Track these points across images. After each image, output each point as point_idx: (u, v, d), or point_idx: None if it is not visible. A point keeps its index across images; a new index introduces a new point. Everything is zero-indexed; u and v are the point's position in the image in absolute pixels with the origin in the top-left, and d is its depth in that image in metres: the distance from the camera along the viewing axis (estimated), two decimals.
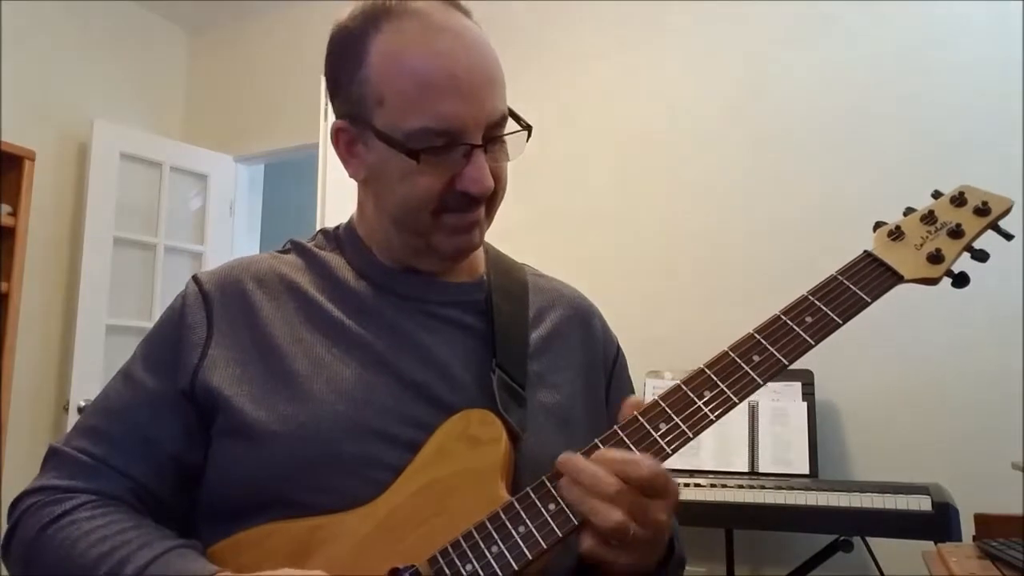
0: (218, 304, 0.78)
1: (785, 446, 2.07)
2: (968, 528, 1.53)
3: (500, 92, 0.75)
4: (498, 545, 0.63)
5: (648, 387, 2.29)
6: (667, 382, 2.30)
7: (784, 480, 1.93)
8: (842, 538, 1.95)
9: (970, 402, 2.11)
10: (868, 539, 2.02)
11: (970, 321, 2.11)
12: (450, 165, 0.73)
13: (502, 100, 0.76)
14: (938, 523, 1.70)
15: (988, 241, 0.77)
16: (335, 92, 0.80)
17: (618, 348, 0.93)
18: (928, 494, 1.75)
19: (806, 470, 2.02)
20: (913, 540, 1.75)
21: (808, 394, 2.15)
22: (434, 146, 0.72)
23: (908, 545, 1.77)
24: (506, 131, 0.76)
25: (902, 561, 2.00)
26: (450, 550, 0.64)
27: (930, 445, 2.13)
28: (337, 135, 0.79)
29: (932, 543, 1.54)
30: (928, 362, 2.18)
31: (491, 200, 0.78)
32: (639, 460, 0.63)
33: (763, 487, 1.88)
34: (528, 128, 0.77)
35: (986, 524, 1.39)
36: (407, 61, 0.72)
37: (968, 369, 2.13)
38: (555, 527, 0.63)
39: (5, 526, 0.73)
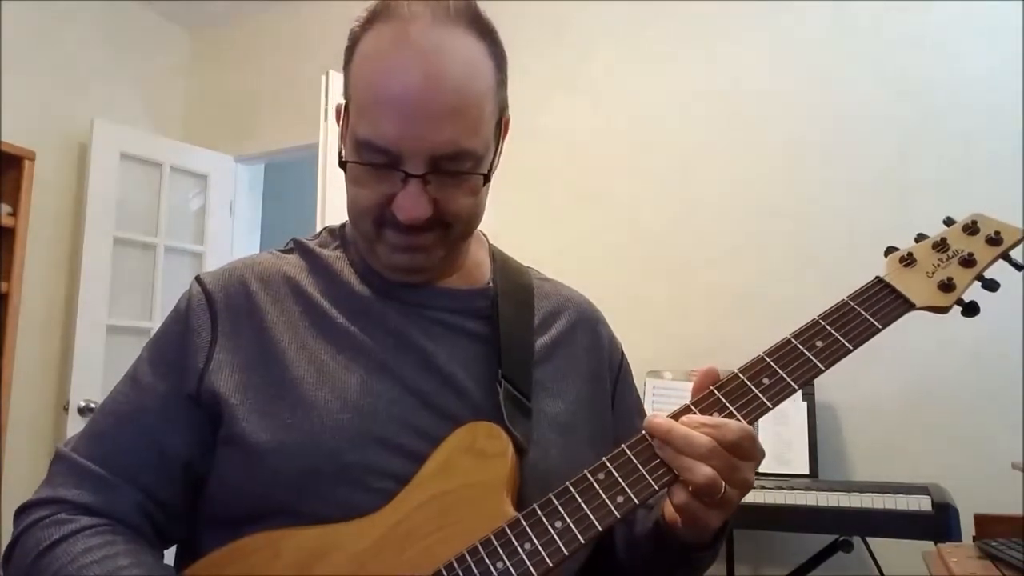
0: (222, 306, 0.77)
1: (785, 446, 2.07)
2: (968, 528, 1.53)
3: (460, 126, 0.70)
4: (503, 562, 0.63)
5: (648, 387, 2.29)
6: (667, 382, 2.30)
7: (784, 480, 1.93)
8: (842, 538, 1.95)
9: (970, 402, 2.11)
10: (868, 539, 2.02)
11: (970, 321, 2.11)
12: (389, 184, 0.72)
13: (462, 134, 0.70)
14: (938, 523, 1.70)
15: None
16: (344, 77, 0.80)
17: (622, 354, 0.93)
18: (928, 494, 1.75)
19: (806, 470, 2.03)
20: (913, 540, 1.75)
21: (808, 394, 2.15)
22: (373, 162, 0.71)
23: (908, 545, 1.77)
24: (461, 170, 0.72)
25: (902, 561, 2.00)
26: (455, 564, 0.64)
27: (930, 445, 2.13)
28: (337, 113, 0.79)
29: (932, 543, 1.54)
30: (928, 362, 2.18)
31: (444, 227, 0.75)
32: (728, 423, 0.65)
33: (763, 487, 1.88)
34: (485, 176, 0.74)
35: (986, 524, 1.40)
36: (368, 70, 0.72)
37: (968, 369, 2.13)
38: (561, 545, 0.63)
39: (5, 529, 0.72)
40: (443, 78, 0.69)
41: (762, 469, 2.04)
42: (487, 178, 0.75)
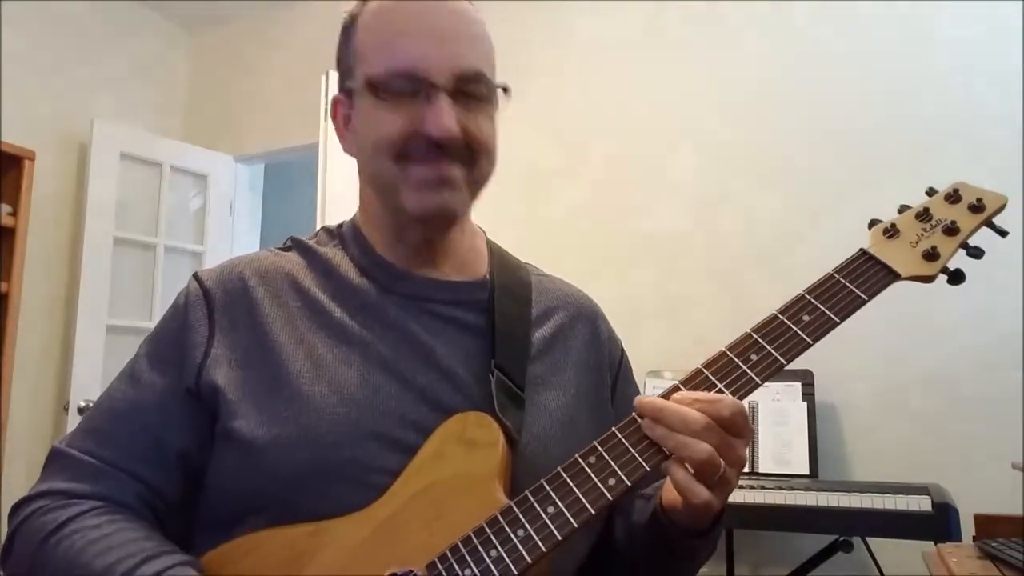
0: (219, 302, 0.77)
1: (785, 446, 2.07)
2: (968, 528, 1.53)
3: (475, 48, 0.76)
4: (497, 549, 0.63)
5: (648, 387, 2.29)
6: (667, 382, 2.29)
7: (784, 480, 1.93)
8: (842, 538, 1.95)
9: (970, 402, 2.11)
10: (868, 539, 2.02)
11: (970, 321, 2.11)
12: (415, 109, 0.73)
13: (477, 57, 0.76)
14: (938, 523, 1.70)
15: (987, 240, 0.76)
16: (339, 73, 0.82)
17: (623, 350, 0.93)
18: (928, 494, 1.75)
19: (806, 470, 2.02)
20: (913, 540, 1.75)
21: (808, 394, 2.15)
22: (398, 87, 0.73)
23: (908, 545, 1.77)
24: (481, 93, 0.76)
25: (902, 561, 2.00)
26: (448, 555, 0.64)
27: (930, 445, 2.13)
28: (335, 109, 0.81)
29: (932, 543, 1.54)
30: (928, 362, 2.18)
31: (470, 159, 0.76)
32: (721, 398, 0.64)
33: (763, 487, 1.88)
34: (505, 88, 0.77)
35: (986, 524, 1.39)
36: (382, 13, 0.77)
37: (968, 369, 2.13)
38: (554, 530, 0.63)
39: (4, 530, 0.72)
40: (460, 8, 0.77)
41: (762, 469, 2.07)
42: (506, 91, 0.80)
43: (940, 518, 1.71)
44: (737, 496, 1.88)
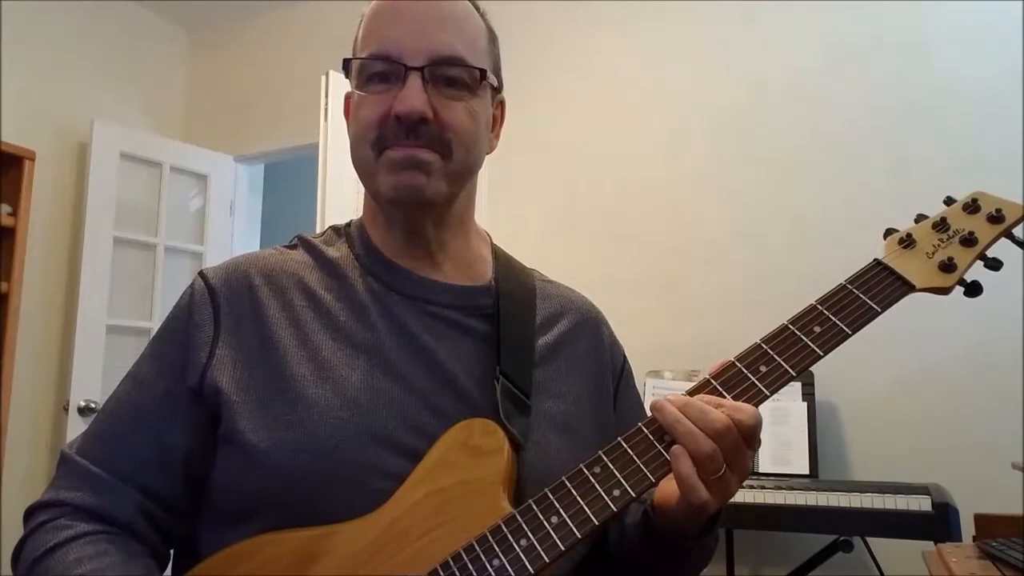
0: (225, 301, 0.76)
1: (785, 446, 2.07)
2: (968, 528, 1.53)
3: (455, 33, 0.77)
4: (499, 558, 0.62)
5: (648, 387, 2.29)
6: (667, 382, 2.30)
7: (784, 480, 1.93)
8: (842, 538, 1.95)
9: (970, 402, 2.11)
10: (868, 539, 2.02)
11: (970, 321, 2.11)
12: (391, 96, 0.75)
13: (457, 42, 0.76)
14: (938, 523, 1.71)
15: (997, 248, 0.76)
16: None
17: (625, 357, 0.92)
18: (928, 494, 1.75)
19: (806, 470, 2.02)
20: (913, 540, 1.75)
21: (808, 394, 2.15)
22: (376, 70, 0.76)
23: (908, 545, 1.77)
24: (460, 78, 0.76)
25: (902, 561, 2.00)
26: (451, 563, 0.63)
27: (930, 445, 2.13)
28: (346, 105, 0.83)
29: (932, 543, 1.54)
30: (928, 362, 2.18)
31: (443, 148, 0.75)
32: (744, 406, 0.64)
33: (763, 487, 1.88)
34: (481, 71, 0.77)
35: (986, 524, 1.39)
36: (376, 7, 0.79)
37: (968, 369, 2.13)
38: (557, 540, 0.62)
39: (4, 528, 0.72)
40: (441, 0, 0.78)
41: (762, 469, 2.06)
42: (497, 89, 0.82)
43: (940, 518, 1.71)
44: (737, 496, 1.84)
